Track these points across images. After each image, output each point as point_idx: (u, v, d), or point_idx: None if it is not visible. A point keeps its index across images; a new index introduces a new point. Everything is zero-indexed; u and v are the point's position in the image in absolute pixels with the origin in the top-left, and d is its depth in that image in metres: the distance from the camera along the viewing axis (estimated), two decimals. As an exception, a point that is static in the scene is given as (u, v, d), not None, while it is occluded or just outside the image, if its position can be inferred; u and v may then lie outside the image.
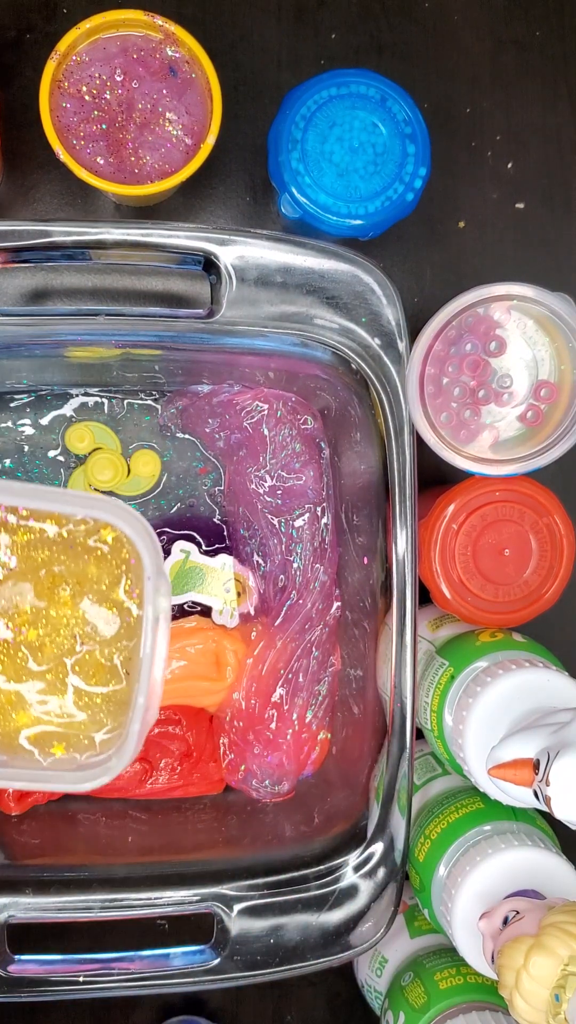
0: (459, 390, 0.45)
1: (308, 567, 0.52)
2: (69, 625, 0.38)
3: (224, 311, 0.44)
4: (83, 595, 0.38)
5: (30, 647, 0.38)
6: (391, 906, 0.47)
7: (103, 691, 0.39)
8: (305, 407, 0.52)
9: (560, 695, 0.44)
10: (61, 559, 0.38)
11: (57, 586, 0.38)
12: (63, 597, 0.38)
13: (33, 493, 0.37)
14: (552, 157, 0.57)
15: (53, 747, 0.39)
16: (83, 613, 0.38)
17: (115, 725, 0.39)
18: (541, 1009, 0.37)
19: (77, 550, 0.37)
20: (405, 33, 0.55)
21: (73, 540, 0.37)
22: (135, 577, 0.38)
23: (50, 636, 0.39)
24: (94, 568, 0.38)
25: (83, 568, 0.38)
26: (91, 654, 0.39)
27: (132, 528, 0.36)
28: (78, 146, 0.46)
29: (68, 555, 0.37)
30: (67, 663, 0.39)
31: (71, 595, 0.38)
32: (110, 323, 0.45)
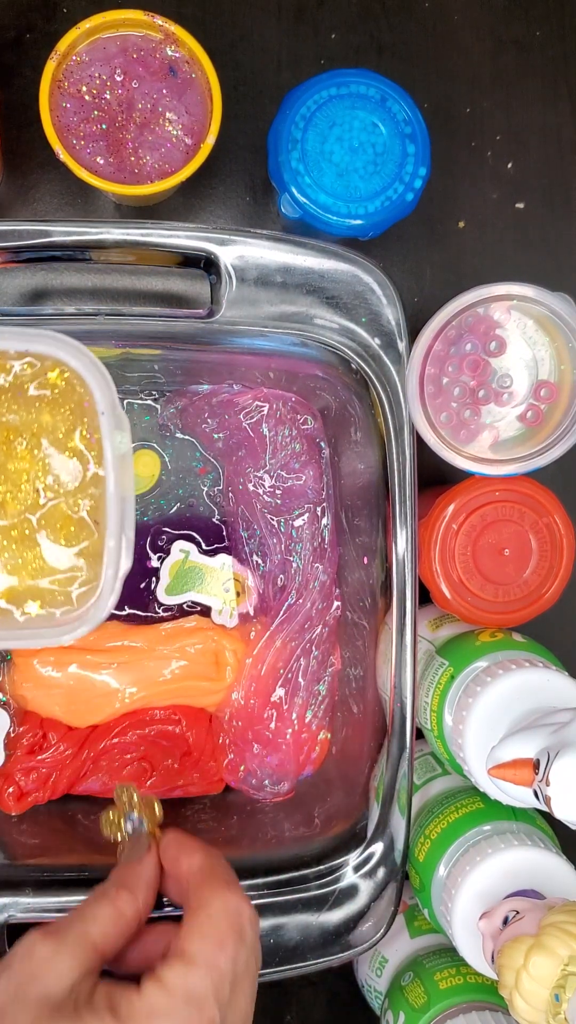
0: (459, 390, 0.45)
1: (308, 567, 0.52)
2: (30, 479, 0.37)
3: (224, 311, 0.44)
4: (40, 446, 0.37)
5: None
6: (391, 906, 0.47)
7: (75, 545, 0.38)
8: (305, 407, 0.52)
9: (560, 695, 0.44)
10: (13, 408, 0.36)
11: (13, 439, 0.36)
12: (20, 451, 0.37)
13: None
14: (552, 157, 0.57)
15: (28, 604, 0.38)
16: (43, 464, 0.37)
17: (90, 576, 0.38)
18: (541, 1009, 0.37)
19: (27, 397, 0.36)
20: (405, 33, 0.55)
21: (20, 386, 0.36)
22: (91, 421, 0.36)
23: (11, 492, 0.37)
24: (48, 416, 0.37)
25: (36, 417, 0.36)
26: (56, 507, 0.38)
27: (78, 361, 0.35)
28: (78, 146, 0.46)
29: (19, 403, 0.36)
30: (32, 518, 0.38)
31: (28, 447, 0.36)
32: (110, 323, 0.44)
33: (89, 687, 0.50)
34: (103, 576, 0.36)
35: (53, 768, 0.50)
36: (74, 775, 0.51)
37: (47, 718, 0.51)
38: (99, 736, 0.51)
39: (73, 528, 0.38)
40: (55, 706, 0.50)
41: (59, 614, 0.39)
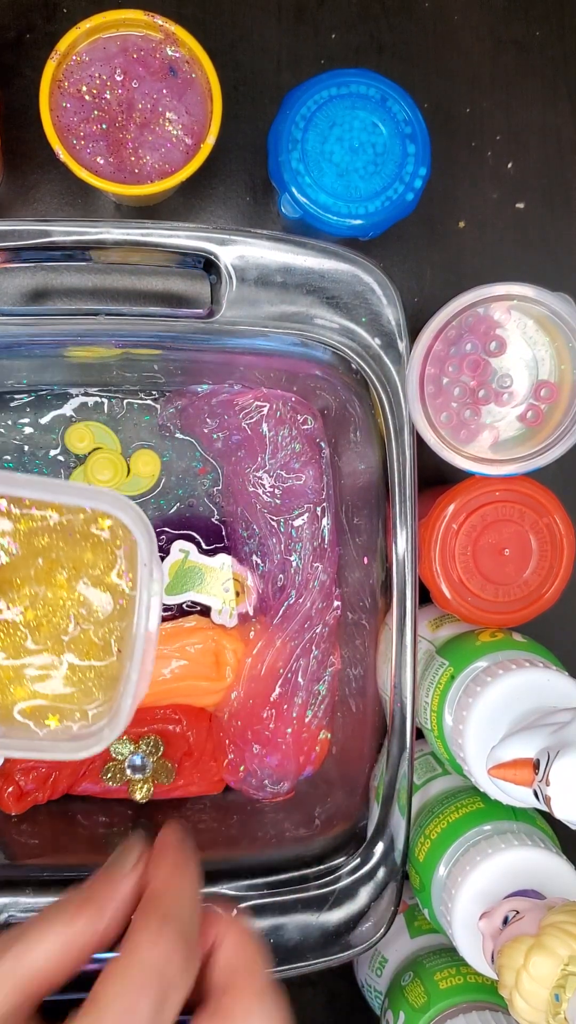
0: (459, 390, 0.45)
1: (307, 567, 0.52)
2: (65, 606, 0.40)
3: (224, 311, 0.44)
4: (79, 578, 0.40)
5: (28, 627, 0.40)
6: (391, 906, 0.47)
7: (96, 666, 0.41)
8: (305, 407, 0.52)
9: (560, 695, 0.44)
10: (60, 545, 0.39)
11: (55, 570, 0.39)
12: (60, 580, 0.39)
13: (38, 485, 0.39)
14: (552, 157, 0.57)
15: (48, 719, 0.41)
16: (79, 595, 0.40)
17: (106, 699, 0.41)
18: (541, 1009, 0.37)
19: (76, 537, 0.39)
20: (405, 33, 0.55)
21: (72, 528, 0.39)
22: (129, 562, 0.39)
23: (47, 616, 0.40)
24: (90, 554, 0.39)
25: (80, 554, 0.39)
26: (85, 633, 0.40)
27: (130, 518, 0.38)
28: (78, 146, 0.46)
29: (67, 542, 0.39)
30: (63, 641, 0.40)
31: (67, 578, 0.39)
32: (110, 323, 0.45)
33: (89, 687, 0.50)
34: (122, 704, 0.39)
35: (53, 768, 0.50)
36: (73, 775, 0.51)
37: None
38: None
39: (97, 653, 0.41)
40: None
41: (75, 728, 0.41)
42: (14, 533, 0.39)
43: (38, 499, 0.38)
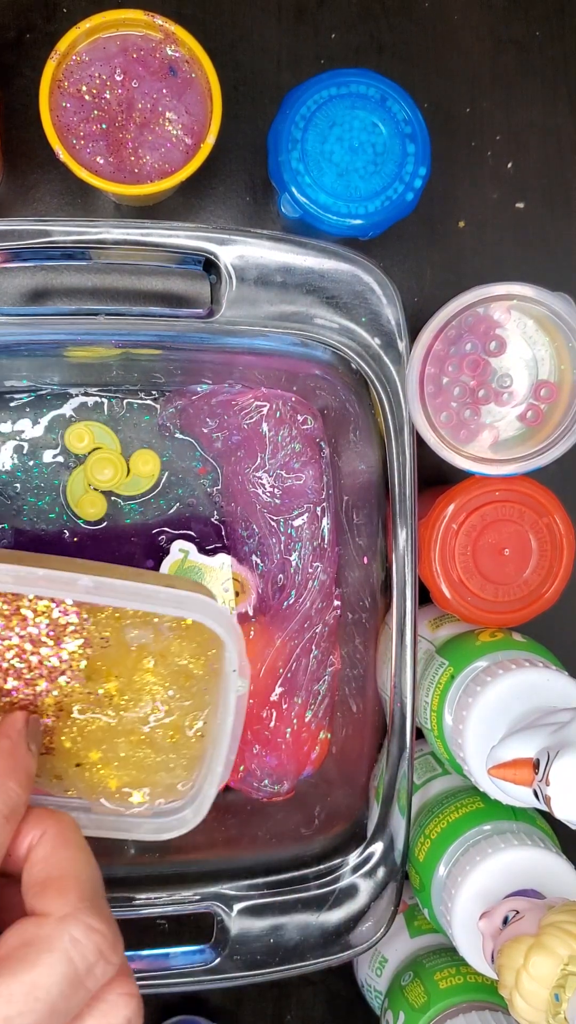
0: (459, 390, 0.45)
1: (307, 566, 0.52)
2: (151, 692, 0.42)
3: (224, 311, 0.44)
4: (165, 666, 0.41)
5: (116, 708, 0.41)
6: (391, 906, 0.47)
7: (180, 748, 0.43)
8: (305, 407, 0.52)
9: (560, 695, 0.44)
10: (149, 636, 0.41)
11: (143, 657, 0.41)
12: (146, 666, 0.41)
13: (132, 593, 0.39)
14: (552, 157, 0.57)
15: (132, 798, 0.43)
16: (164, 681, 0.42)
17: (188, 776, 0.43)
18: (541, 1009, 0.37)
19: (163, 631, 0.41)
20: (405, 33, 0.55)
21: (162, 623, 0.41)
22: (216, 655, 0.41)
23: (134, 701, 0.42)
24: (176, 644, 0.41)
25: (167, 644, 0.41)
26: (170, 717, 0.42)
27: (221, 626, 0.40)
28: (78, 146, 0.46)
29: (155, 634, 0.41)
30: (148, 723, 0.42)
31: (154, 666, 0.41)
32: (110, 323, 0.44)
33: (89, 687, 0.50)
34: (205, 790, 0.42)
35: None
36: (74, 775, 0.51)
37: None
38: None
39: (181, 736, 0.43)
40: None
41: (160, 805, 0.44)
42: (106, 625, 0.40)
43: (128, 606, 0.39)
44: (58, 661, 0.39)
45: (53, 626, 0.39)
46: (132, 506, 0.54)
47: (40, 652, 0.39)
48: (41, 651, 0.39)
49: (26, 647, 0.39)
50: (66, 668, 0.40)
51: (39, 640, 0.39)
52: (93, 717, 0.41)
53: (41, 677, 0.39)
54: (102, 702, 0.41)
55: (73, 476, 0.53)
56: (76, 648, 0.40)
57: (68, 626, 0.39)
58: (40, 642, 0.39)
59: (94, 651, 0.40)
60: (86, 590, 0.38)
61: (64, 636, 0.39)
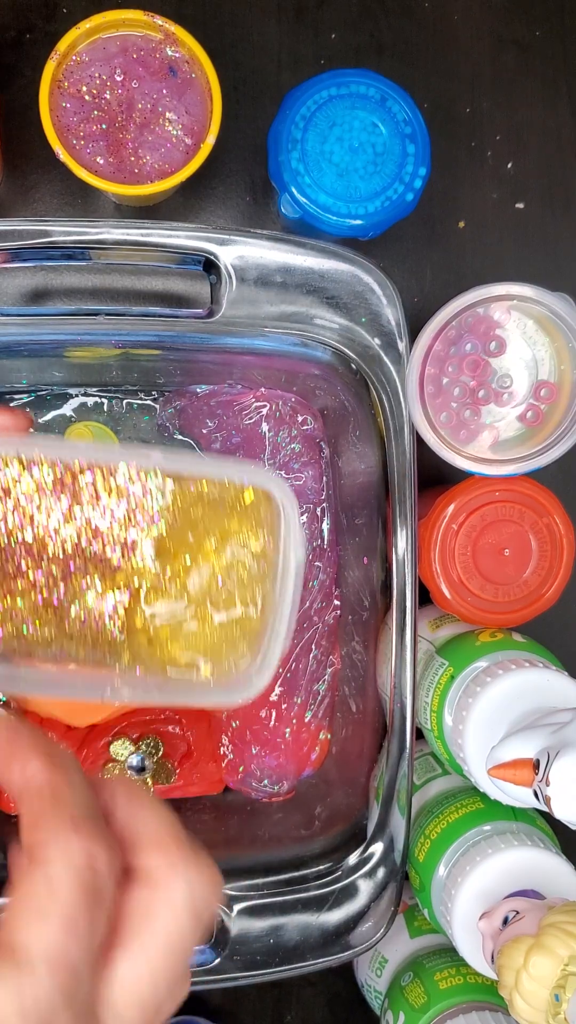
0: (459, 390, 0.45)
1: (307, 566, 0.52)
2: (214, 571, 0.43)
3: (224, 311, 0.44)
4: (226, 545, 0.43)
5: (181, 589, 0.43)
6: (391, 906, 0.47)
7: (241, 623, 0.44)
8: (305, 407, 0.52)
9: (560, 695, 0.44)
10: (210, 515, 0.43)
11: (205, 538, 0.43)
12: (208, 547, 0.43)
13: (196, 462, 0.42)
14: (552, 157, 0.57)
15: (200, 670, 0.44)
16: (225, 560, 0.43)
17: (250, 651, 0.44)
18: (541, 1009, 0.37)
19: (224, 508, 0.43)
20: (405, 33, 0.55)
21: (223, 500, 0.43)
22: (270, 529, 0.43)
23: (198, 580, 0.44)
24: (236, 522, 0.43)
25: (227, 523, 0.43)
26: (231, 594, 0.44)
27: (281, 492, 0.42)
28: (78, 146, 0.46)
29: (216, 512, 0.43)
30: (211, 601, 0.44)
31: (216, 546, 0.43)
32: (110, 323, 0.44)
33: (89, 687, 0.50)
34: (269, 654, 0.43)
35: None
36: (74, 775, 0.51)
37: (47, 717, 0.51)
38: (98, 735, 0.51)
39: (243, 611, 0.44)
40: (55, 705, 0.50)
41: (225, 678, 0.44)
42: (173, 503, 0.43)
43: (196, 475, 0.42)
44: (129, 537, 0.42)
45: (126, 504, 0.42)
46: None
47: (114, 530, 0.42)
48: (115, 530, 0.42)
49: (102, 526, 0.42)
50: (138, 544, 0.42)
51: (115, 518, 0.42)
52: (162, 595, 0.43)
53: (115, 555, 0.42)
54: (170, 581, 0.43)
55: (73, 476, 0.53)
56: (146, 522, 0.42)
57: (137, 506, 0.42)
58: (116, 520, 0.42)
59: (161, 529, 0.43)
60: (159, 460, 0.41)
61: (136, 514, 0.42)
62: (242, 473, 0.42)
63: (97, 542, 0.42)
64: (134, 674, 0.44)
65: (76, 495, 0.41)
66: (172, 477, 0.43)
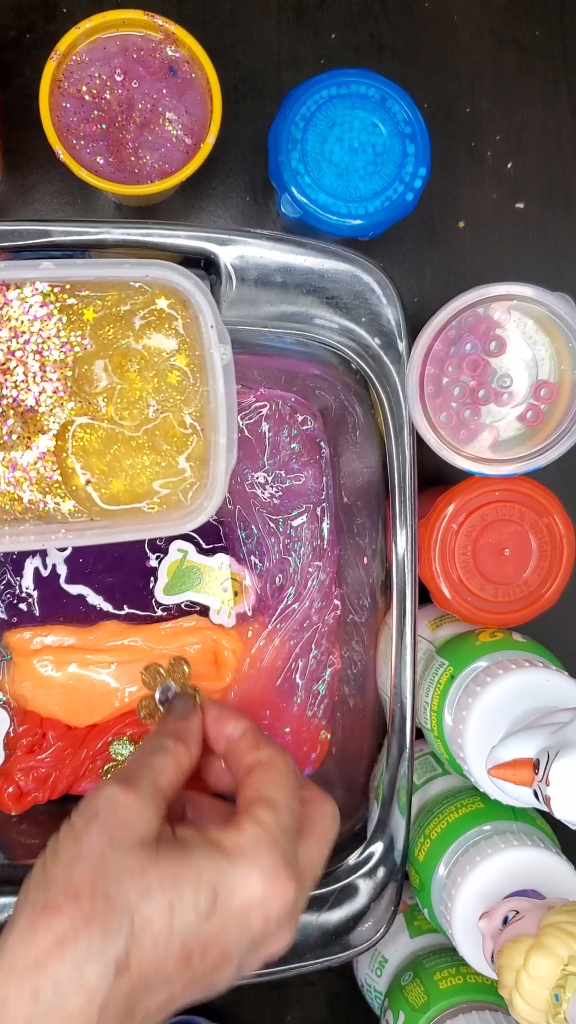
0: (459, 390, 0.45)
1: (307, 566, 0.52)
2: (142, 397, 0.43)
3: (224, 311, 0.44)
4: (149, 368, 0.42)
5: (111, 421, 0.43)
6: (391, 906, 0.47)
7: (183, 451, 0.44)
8: (305, 407, 0.52)
9: (560, 695, 0.44)
10: (126, 335, 0.42)
11: (125, 365, 0.42)
12: (132, 374, 0.42)
13: (90, 264, 0.41)
14: (552, 157, 0.57)
15: (149, 504, 0.44)
16: (152, 384, 0.43)
17: (199, 477, 0.44)
18: (541, 1009, 0.37)
19: (138, 324, 0.42)
20: (405, 33, 0.55)
21: (133, 313, 0.42)
22: (193, 339, 0.42)
23: (128, 409, 0.43)
24: (154, 340, 0.42)
25: (145, 342, 0.42)
26: (165, 420, 0.43)
27: (189, 282, 0.41)
28: (78, 146, 0.46)
29: (131, 331, 0.42)
30: (147, 430, 0.43)
31: (139, 370, 0.42)
32: (110, 323, 0.44)
33: (89, 686, 0.50)
34: (215, 473, 0.42)
35: (52, 768, 0.50)
36: (73, 775, 0.51)
37: (47, 717, 0.51)
38: (98, 735, 0.51)
39: (181, 435, 0.44)
40: (55, 705, 0.50)
41: (176, 512, 0.44)
42: (81, 325, 0.41)
43: (92, 278, 0.41)
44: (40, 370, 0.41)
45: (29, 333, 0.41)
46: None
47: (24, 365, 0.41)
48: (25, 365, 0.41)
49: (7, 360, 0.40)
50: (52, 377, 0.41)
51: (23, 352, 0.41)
52: (90, 431, 0.42)
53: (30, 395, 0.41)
54: (97, 413, 0.42)
55: (73, 476, 0.53)
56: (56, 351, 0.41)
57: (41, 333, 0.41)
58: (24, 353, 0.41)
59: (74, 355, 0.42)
60: (48, 269, 0.40)
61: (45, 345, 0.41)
62: (142, 267, 0.41)
63: (9, 381, 0.41)
64: (78, 519, 0.43)
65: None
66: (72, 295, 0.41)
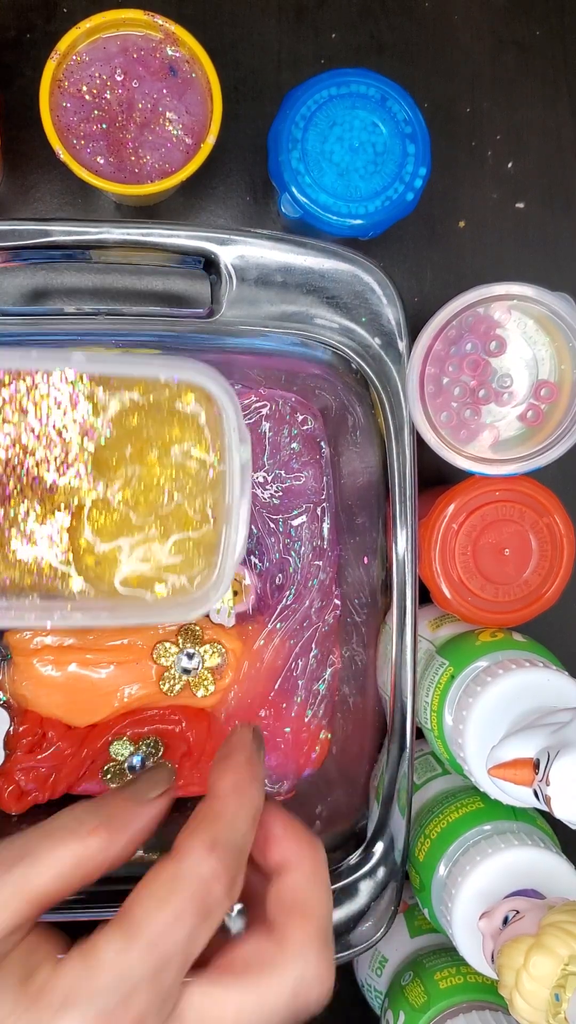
0: (459, 390, 0.45)
1: (306, 566, 0.52)
2: (159, 483, 0.43)
3: (224, 311, 0.44)
4: (169, 455, 0.42)
5: (127, 504, 0.43)
6: (391, 906, 0.47)
7: (194, 536, 0.44)
8: (305, 407, 0.52)
9: (560, 695, 0.44)
10: (149, 424, 0.42)
11: (146, 449, 0.42)
12: (151, 459, 0.42)
13: (121, 361, 0.41)
14: (552, 157, 0.57)
15: (154, 589, 0.44)
16: (171, 471, 0.43)
17: (207, 565, 0.44)
18: (541, 1009, 0.37)
19: (163, 415, 0.42)
20: (405, 33, 0.55)
21: (159, 406, 0.41)
22: (214, 433, 0.42)
23: (143, 494, 0.43)
24: (177, 429, 0.42)
25: (168, 431, 0.42)
26: (180, 507, 0.43)
27: (215, 385, 0.41)
28: (78, 146, 0.46)
29: (155, 420, 0.42)
30: (160, 516, 0.43)
31: (159, 456, 0.42)
32: (110, 323, 0.45)
33: (89, 686, 0.50)
34: (224, 566, 0.42)
35: (52, 768, 0.50)
36: (73, 775, 0.51)
37: (47, 717, 0.51)
38: (98, 735, 0.51)
39: (194, 524, 0.44)
40: (55, 705, 0.50)
41: (180, 597, 0.44)
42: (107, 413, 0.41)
43: (123, 375, 0.41)
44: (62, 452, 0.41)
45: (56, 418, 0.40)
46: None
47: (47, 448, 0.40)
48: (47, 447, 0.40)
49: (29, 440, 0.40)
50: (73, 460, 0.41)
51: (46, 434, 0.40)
52: (105, 512, 0.42)
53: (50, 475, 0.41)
54: (112, 496, 0.42)
55: (73, 476, 0.53)
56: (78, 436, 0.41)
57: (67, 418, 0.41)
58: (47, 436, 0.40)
59: (96, 442, 0.41)
60: (79, 362, 0.39)
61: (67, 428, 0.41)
62: (172, 368, 0.40)
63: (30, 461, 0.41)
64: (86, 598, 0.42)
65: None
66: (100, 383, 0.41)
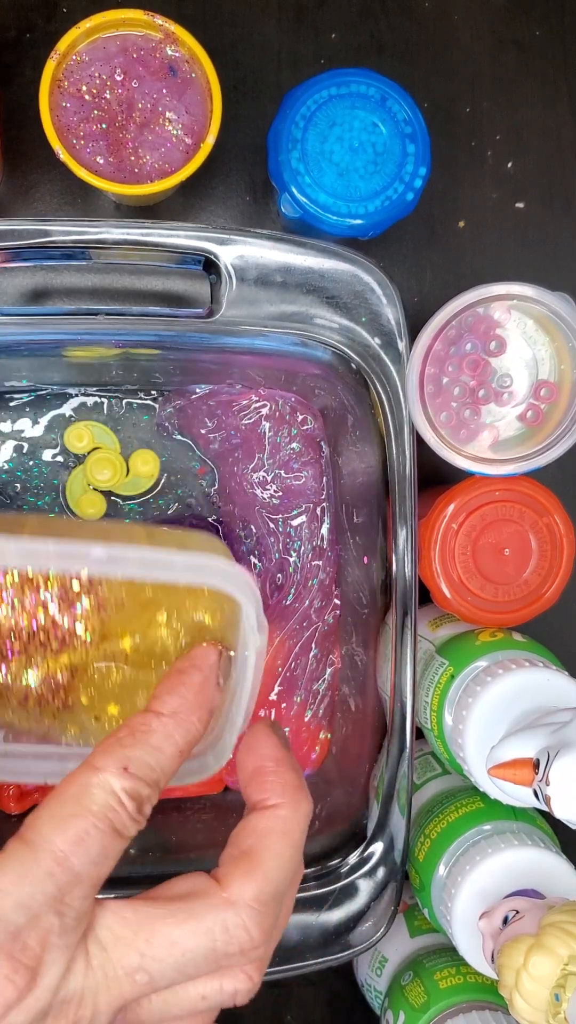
0: (459, 390, 0.45)
1: (306, 566, 0.52)
2: (165, 646, 0.41)
3: (224, 311, 0.44)
4: (180, 620, 0.41)
5: (131, 663, 0.42)
6: (391, 905, 0.47)
7: None
8: (305, 407, 0.52)
9: (560, 695, 0.44)
10: (161, 598, 0.41)
11: (155, 612, 0.41)
12: (159, 620, 0.41)
13: (146, 563, 0.39)
14: (552, 157, 0.57)
15: None
16: (178, 634, 0.41)
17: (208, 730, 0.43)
18: (541, 1009, 0.37)
19: (179, 592, 0.41)
20: (405, 33, 0.55)
21: (175, 587, 0.41)
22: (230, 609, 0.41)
23: (148, 655, 0.42)
24: (189, 600, 0.41)
25: (180, 600, 0.41)
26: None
27: (240, 591, 0.39)
28: (78, 146, 0.46)
29: (168, 593, 0.41)
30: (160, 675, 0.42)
31: (167, 620, 0.41)
32: (110, 323, 0.45)
33: (89, 687, 0.50)
34: (226, 737, 0.41)
35: (53, 768, 0.50)
36: (74, 775, 0.50)
37: (47, 718, 0.51)
38: (99, 736, 0.51)
39: None
40: (55, 706, 0.50)
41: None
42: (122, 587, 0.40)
43: (142, 577, 0.39)
44: (71, 625, 0.40)
45: (66, 593, 0.39)
46: (131, 506, 0.54)
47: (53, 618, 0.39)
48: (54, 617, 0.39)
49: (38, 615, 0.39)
50: (81, 631, 0.40)
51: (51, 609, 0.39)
52: (108, 673, 0.41)
53: (55, 640, 0.40)
54: (117, 657, 0.41)
55: (73, 476, 0.53)
56: (90, 609, 0.40)
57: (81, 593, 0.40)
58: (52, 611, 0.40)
59: (107, 614, 0.40)
60: (99, 561, 0.38)
61: (77, 602, 0.40)
62: (193, 572, 0.39)
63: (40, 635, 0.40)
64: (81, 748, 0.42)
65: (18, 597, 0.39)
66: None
